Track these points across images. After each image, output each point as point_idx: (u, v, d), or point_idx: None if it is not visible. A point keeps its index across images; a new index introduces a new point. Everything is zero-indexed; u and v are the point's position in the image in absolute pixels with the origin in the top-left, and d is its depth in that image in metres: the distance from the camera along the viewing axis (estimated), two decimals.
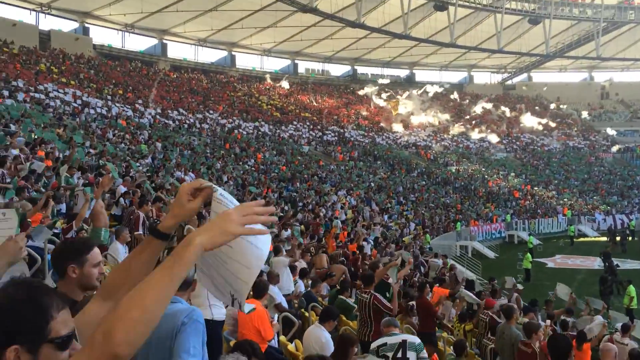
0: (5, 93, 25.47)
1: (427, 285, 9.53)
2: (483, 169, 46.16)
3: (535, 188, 44.25)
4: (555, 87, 64.41)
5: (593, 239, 36.12)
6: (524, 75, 66.81)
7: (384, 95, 56.21)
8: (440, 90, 57.74)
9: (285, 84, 52.52)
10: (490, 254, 29.19)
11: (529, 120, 56.31)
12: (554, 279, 21.84)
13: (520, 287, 14.13)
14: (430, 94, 56.34)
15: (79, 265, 2.50)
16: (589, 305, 10.62)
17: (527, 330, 6.01)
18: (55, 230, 7.11)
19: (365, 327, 6.33)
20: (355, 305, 7.52)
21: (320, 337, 5.51)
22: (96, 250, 2.60)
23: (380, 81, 58.25)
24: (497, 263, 26.77)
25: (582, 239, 35.64)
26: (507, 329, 6.46)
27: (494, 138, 53.69)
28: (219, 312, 4.92)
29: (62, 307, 1.28)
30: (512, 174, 46.56)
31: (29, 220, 6.89)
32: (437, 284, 11.36)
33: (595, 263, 25.93)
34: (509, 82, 66.90)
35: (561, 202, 41.92)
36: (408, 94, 56.51)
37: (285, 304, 7.33)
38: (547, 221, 37.65)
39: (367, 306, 6.36)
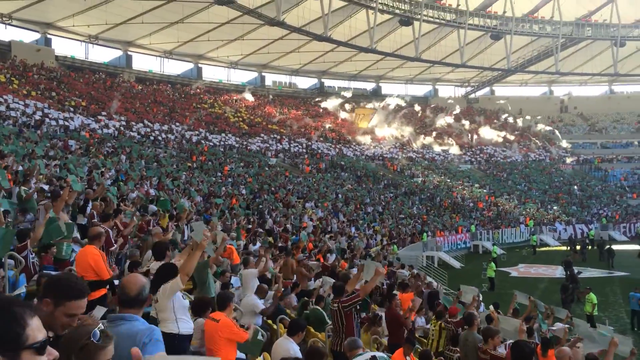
0: None
1: (396, 296, 9.57)
2: (448, 180, 46.93)
3: (499, 199, 45.21)
4: (516, 100, 66.23)
5: (554, 248, 37.07)
6: (487, 89, 68.49)
7: (348, 107, 56.84)
8: (403, 103, 58.87)
9: (249, 96, 52.55)
10: (456, 264, 29.63)
11: (489, 133, 57.70)
12: (517, 287, 22.19)
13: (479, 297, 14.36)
14: (393, 107, 57.28)
15: (54, 305, 2.47)
16: (552, 311, 10.84)
17: (484, 335, 6.11)
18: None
19: (337, 337, 6.33)
20: (327, 316, 7.56)
21: (289, 349, 5.51)
22: (79, 303, 2.52)
23: (344, 93, 58.85)
24: (462, 273, 27.15)
25: (544, 249, 36.53)
26: (470, 335, 6.56)
27: (457, 150, 54.77)
28: (186, 326, 4.85)
29: (33, 315, 1.35)
30: (476, 185, 47.46)
31: None
32: (400, 290, 11.41)
33: (557, 272, 26.56)
34: (472, 95, 68.46)
35: (523, 212, 42.91)
36: (373, 106, 57.25)
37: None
38: (510, 231, 38.49)
39: (338, 313, 6.37)
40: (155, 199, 15.19)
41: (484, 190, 46.49)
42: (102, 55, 48.99)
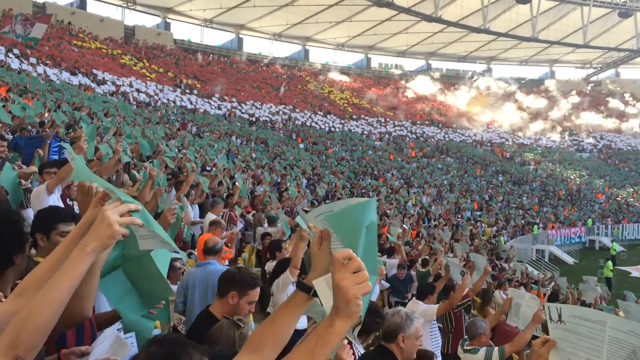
0: (93, 85, 26.92)
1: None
2: (563, 169, 44.03)
3: (620, 191, 41.71)
4: None
5: None
6: (611, 71, 62.98)
7: (461, 90, 54.80)
8: (513, 87, 55.91)
9: (340, 76, 52.53)
10: (569, 260, 27.76)
11: (611, 119, 53.31)
12: (638, 289, 20.51)
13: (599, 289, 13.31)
14: (504, 89, 54.62)
15: (239, 296, 2.93)
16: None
17: None
18: None
19: (445, 338, 6.06)
20: None
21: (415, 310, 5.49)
22: (257, 290, 2.99)
23: (433, 74, 56.87)
24: (576, 269, 25.40)
25: None
26: None
27: (574, 137, 51.26)
28: (300, 320, 4.93)
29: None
30: (595, 175, 44.12)
31: None
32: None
33: None
34: (595, 78, 63.31)
35: None
36: (485, 89, 54.91)
37: None
38: (632, 227, 35.38)
39: (448, 314, 6.07)
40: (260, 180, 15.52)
41: (604, 181, 43.10)
42: (215, 38, 51.15)
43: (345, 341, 2.38)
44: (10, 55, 25.07)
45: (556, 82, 60.40)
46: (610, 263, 23.10)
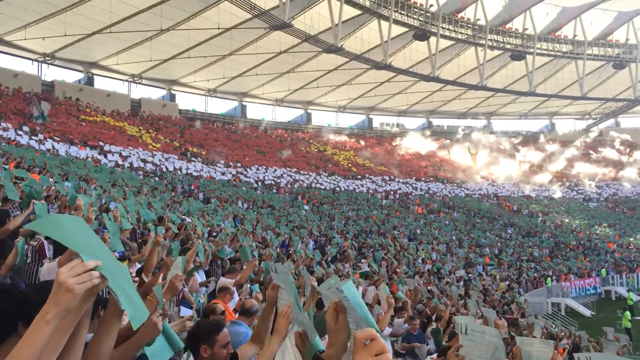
0: (101, 157, 27.40)
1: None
2: (572, 220, 43.69)
3: (631, 239, 41.18)
4: None
5: None
6: (611, 121, 63.66)
7: (461, 147, 55.40)
8: (511, 141, 56.62)
9: (352, 139, 53.34)
10: (586, 312, 27.05)
11: (614, 168, 53.46)
12: None
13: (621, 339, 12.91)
14: (508, 144, 55.17)
15: (210, 346, 2.86)
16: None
17: None
18: None
19: None
20: None
21: None
22: (225, 331, 2.95)
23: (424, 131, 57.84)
24: (594, 322, 24.71)
25: None
26: None
27: (582, 186, 51.22)
28: None
29: None
30: (605, 224, 43.72)
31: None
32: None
33: None
34: (595, 128, 63.91)
35: None
36: (486, 144, 55.47)
37: None
38: None
39: None
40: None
41: (614, 230, 42.64)
42: (219, 106, 52.45)
43: None
44: (20, 132, 25.69)
45: (547, 134, 61.13)
46: (628, 313, 22.45)
